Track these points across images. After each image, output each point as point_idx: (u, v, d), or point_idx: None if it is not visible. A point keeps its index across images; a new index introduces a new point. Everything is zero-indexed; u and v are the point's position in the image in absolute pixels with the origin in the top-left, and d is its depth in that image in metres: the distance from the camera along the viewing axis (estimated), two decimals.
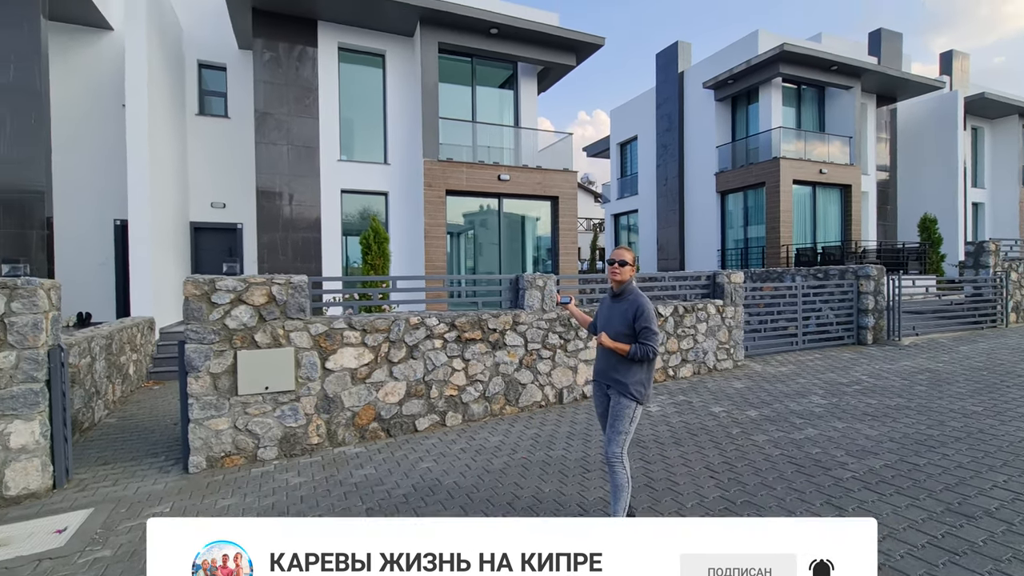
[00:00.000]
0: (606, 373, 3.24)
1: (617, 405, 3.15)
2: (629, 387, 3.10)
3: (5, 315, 4.02)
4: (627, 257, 3.21)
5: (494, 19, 11.11)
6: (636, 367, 3.12)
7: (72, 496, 4.14)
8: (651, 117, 19.89)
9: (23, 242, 8.59)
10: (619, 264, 3.20)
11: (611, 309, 3.27)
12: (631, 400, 3.12)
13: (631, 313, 3.10)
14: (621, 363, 3.13)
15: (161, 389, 7.87)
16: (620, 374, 3.14)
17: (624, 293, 3.22)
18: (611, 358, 3.19)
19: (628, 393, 3.11)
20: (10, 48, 8.48)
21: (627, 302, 3.16)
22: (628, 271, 3.19)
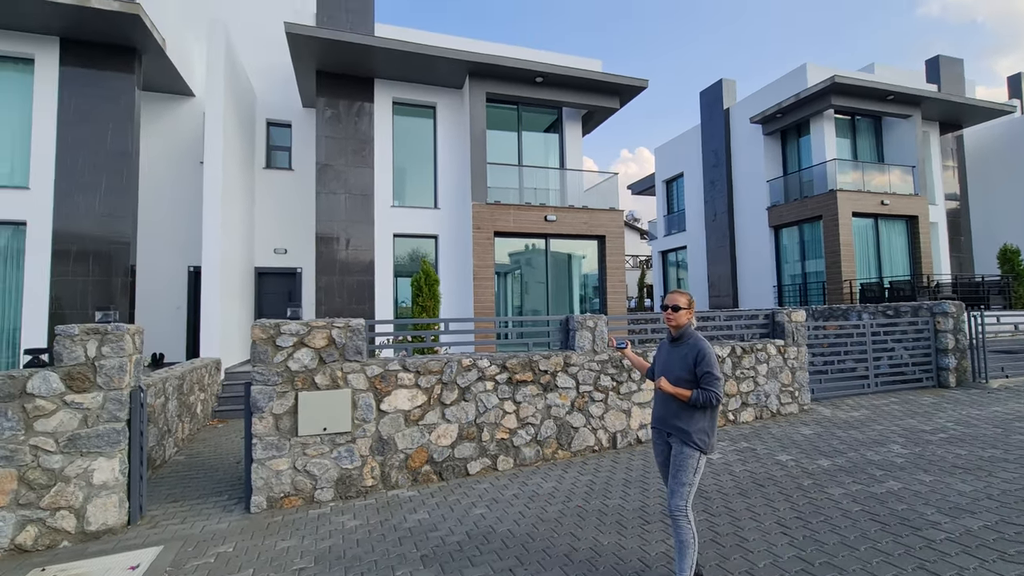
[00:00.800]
0: (666, 420, 3.10)
1: (680, 455, 3.00)
2: (692, 435, 2.96)
3: (96, 358, 4.37)
4: (681, 301, 3.13)
5: (539, 68, 11.56)
6: (699, 414, 2.98)
7: (145, 533, 4.32)
8: (697, 153, 19.80)
9: (109, 288, 9.38)
10: (672, 309, 3.13)
11: (670, 354, 3.17)
12: (694, 449, 2.96)
13: (692, 358, 3.00)
14: (683, 410, 3.00)
15: (225, 427, 8.21)
16: (682, 421, 3.01)
17: (683, 337, 3.12)
18: (671, 404, 3.06)
19: (691, 442, 2.96)
20: (109, 117, 9.55)
21: (687, 346, 3.06)
22: (684, 315, 3.11)
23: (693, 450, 2.96)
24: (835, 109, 14.94)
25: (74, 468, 4.24)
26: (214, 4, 12.04)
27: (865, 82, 14.29)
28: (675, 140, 21.79)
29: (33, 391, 4.18)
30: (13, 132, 9.35)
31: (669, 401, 3.07)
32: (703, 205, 19.27)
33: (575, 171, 13.06)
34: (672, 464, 3.04)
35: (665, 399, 3.11)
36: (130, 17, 8.91)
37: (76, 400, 4.28)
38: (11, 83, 9.42)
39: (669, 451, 3.13)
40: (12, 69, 9.45)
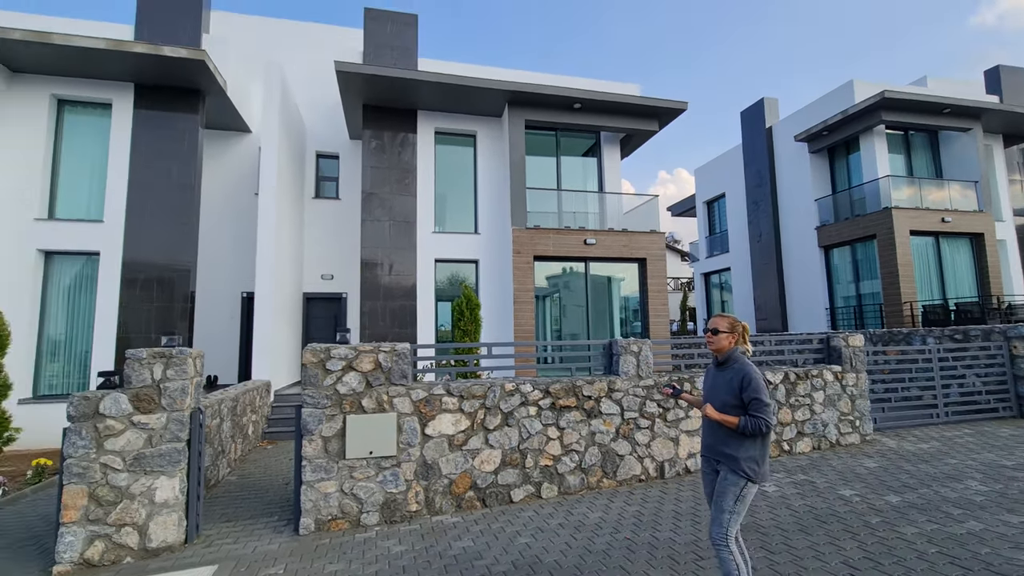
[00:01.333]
0: (714, 448, 3.00)
1: (724, 481, 2.91)
2: (741, 462, 2.86)
3: (161, 381, 4.61)
4: (721, 325, 3.05)
5: (577, 95, 11.72)
6: (748, 441, 2.87)
7: (200, 552, 4.46)
8: (739, 174, 19.42)
9: (170, 313, 9.93)
10: (712, 332, 3.06)
11: (715, 378, 3.08)
12: (741, 476, 2.85)
13: (737, 382, 2.90)
14: (731, 436, 2.91)
15: (274, 448, 8.43)
16: (730, 448, 2.91)
17: (728, 361, 3.04)
18: (719, 431, 2.97)
19: (739, 469, 2.85)
20: (175, 154, 10.26)
21: (732, 371, 2.98)
22: (724, 339, 3.03)
23: (739, 477, 2.85)
24: (886, 124, 14.39)
25: (139, 486, 4.44)
26: (269, 45, 12.88)
27: (917, 96, 13.74)
28: (716, 161, 21.48)
29: (104, 411, 4.43)
30: (92, 170, 10.18)
31: (717, 428, 2.97)
32: (747, 226, 18.78)
33: (614, 194, 13.04)
34: (716, 491, 2.94)
35: (712, 425, 3.01)
36: (196, 63, 9.64)
37: (142, 420, 4.51)
38: (92, 126, 10.31)
39: (716, 479, 3.02)
40: (93, 114, 10.35)
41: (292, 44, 13.37)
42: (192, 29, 11.34)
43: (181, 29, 11.24)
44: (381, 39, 12.47)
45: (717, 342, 3.04)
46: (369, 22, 12.49)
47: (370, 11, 12.53)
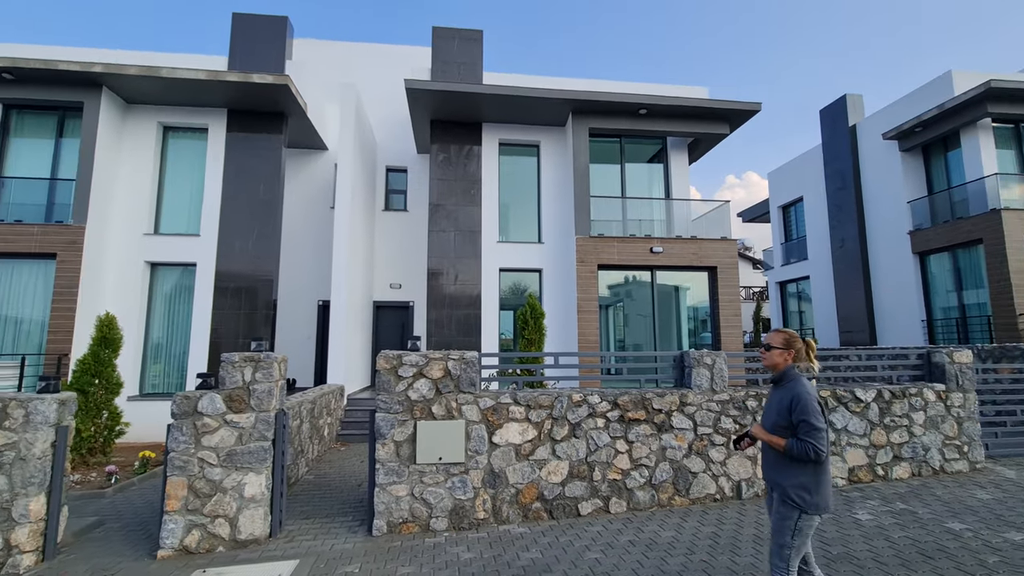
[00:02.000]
0: (766, 471, 2.87)
1: (777, 513, 2.75)
2: (788, 490, 2.68)
3: (250, 383, 4.94)
4: (775, 340, 2.89)
5: (643, 101, 11.50)
6: (798, 467, 2.67)
7: (283, 546, 4.71)
8: (818, 176, 18.24)
9: (256, 320, 10.66)
10: (765, 348, 2.91)
11: (772, 396, 2.91)
12: (791, 506, 2.66)
13: (787, 402, 2.72)
14: (779, 460, 2.75)
15: (347, 450, 8.80)
16: (778, 473, 2.75)
17: (782, 379, 2.86)
18: (769, 454, 2.83)
19: (788, 497, 2.68)
20: (262, 172, 11.08)
21: (784, 390, 2.80)
22: (777, 355, 2.86)
23: (790, 507, 2.67)
24: (992, 118, 13.00)
25: (230, 480, 4.77)
26: (345, 67, 13.66)
27: None
28: (791, 163, 20.30)
29: (202, 410, 4.81)
30: (190, 189, 11.20)
31: (767, 452, 2.84)
32: (828, 231, 17.55)
33: (682, 200, 12.63)
34: (772, 523, 2.79)
35: (765, 448, 2.87)
36: (280, 87, 10.38)
37: (234, 419, 4.85)
38: (191, 149, 11.35)
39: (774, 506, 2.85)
40: (192, 138, 11.39)
41: (365, 65, 14.11)
42: (277, 57, 12.27)
43: (267, 58, 12.19)
44: (448, 55, 12.88)
45: (770, 358, 2.89)
46: (436, 40, 12.94)
47: (438, 29, 12.98)
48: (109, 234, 10.43)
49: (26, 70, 9.64)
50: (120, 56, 11.80)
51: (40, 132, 10.75)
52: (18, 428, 4.50)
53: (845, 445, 6.05)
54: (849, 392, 6.17)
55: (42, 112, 10.69)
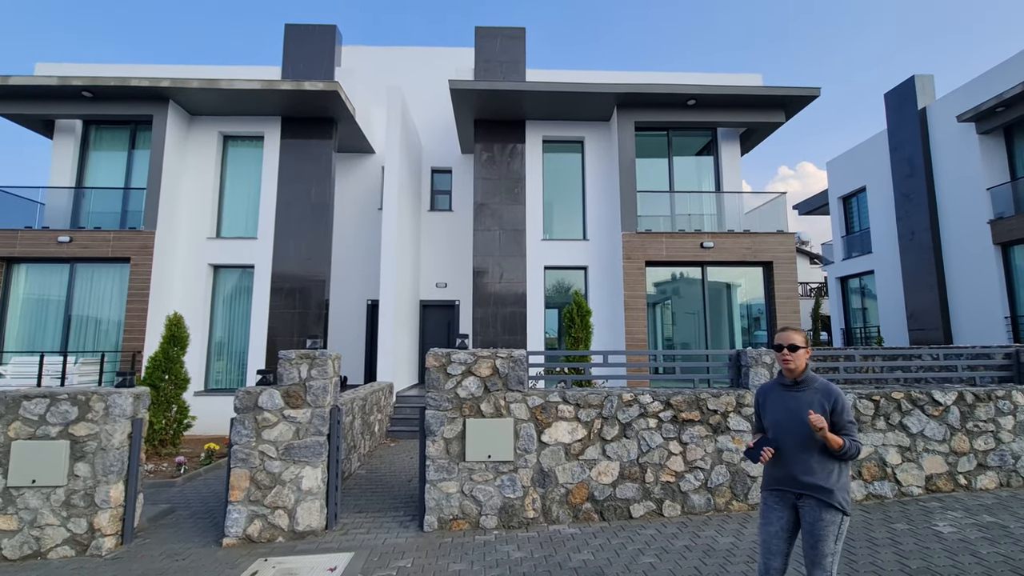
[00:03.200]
0: (797, 479, 2.66)
1: (819, 520, 2.58)
2: (836, 494, 2.58)
3: (306, 380, 5.10)
4: (798, 340, 2.76)
5: (692, 91, 11.12)
6: (838, 469, 2.62)
7: (338, 538, 4.83)
8: (883, 163, 17.11)
9: (309, 319, 11.05)
10: (790, 349, 2.75)
11: (792, 400, 2.73)
12: (837, 511, 2.57)
13: (828, 404, 2.64)
14: (820, 465, 2.62)
15: (396, 447, 8.98)
16: (820, 479, 2.61)
17: (806, 381, 2.75)
18: (805, 459, 2.64)
19: (835, 503, 2.57)
20: (314, 176, 11.47)
21: (813, 391, 2.71)
22: (803, 356, 2.74)
23: (836, 513, 2.58)
24: None
25: (288, 473, 4.94)
26: (391, 71, 13.94)
27: None
28: (853, 150, 19.13)
29: (262, 405, 5.00)
30: (248, 195, 11.74)
31: (799, 455, 2.65)
32: (895, 222, 16.42)
33: (733, 193, 12.13)
34: (809, 534, 2.60)
35: (795, 453, 2.67)
36: (330, 93, 10.71)
37: (292, 414, 5.02)
38: (248, 157, 11.90)
39: (792, 516, 2.70)
40: (249, 146, 11.94)
41: (410, 68, 14.36)
42: (327, 65, 12.66)
43: (318, 66, 12.60)
44: (490, 54, 12.90)
45: (796, 360, 2.74)
46: (479, 39, 12.99)
47: (480, 29, 13.03)
48: (176, 238, 11.08)
49: (103, 87, 10.38)
50: (184, 71, 12.51)
51: (115, 145, 11.55)
52: (99, 420, 4.82)
53: (922, 451, 5.62)
54: (925, 394, 5.73)
55: (116, 126, 11.49)
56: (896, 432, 5.61)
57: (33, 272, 10.63)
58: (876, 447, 5.55)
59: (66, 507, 4.70)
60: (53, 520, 4.67)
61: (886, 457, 5.54)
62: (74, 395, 4.84)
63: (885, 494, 5.46)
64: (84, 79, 10.27)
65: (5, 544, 4.61)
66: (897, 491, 5.50)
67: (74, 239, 10.31)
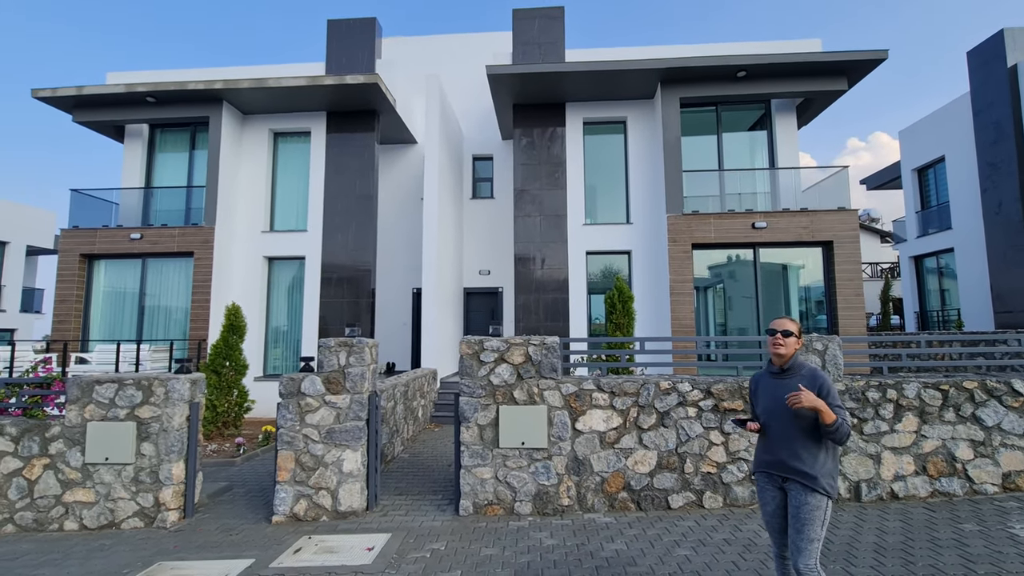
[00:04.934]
0: (784, 463, 2.69)
1: (804, 505, 2.61)
2: (820, 480, 2.60)
3: (345, 367, 5.27)
4: (791, 327, 2.80)
5: (741, 61, 10.47)
6: (824, 454, 2.64)
7: (377, 519, 5.00)
8: (965, 130, 15.53)
9: (357, 308, 11.43)
10: (783, 335, 2.78)
11: (780, 387, 2.76)
12: (823, 496, 2.60)
13: (815, 389, 2.62)
14: (804, 449, 2.64)
15: (440, 431, 9.17)
16: (806, 464, 2.63)
17: (794, 368, 2.78)
18: (792, 444, 2.67)
19: (819, 487, 2.59)
20: (358, 168, 11.76)
21: (800, 377, 2.72)
22: (793, 343, 2.79)
23: (822, 497, 2.60)
24: None
25: (331, 456, 5.15)
26: (430, 60, 14.00)
27: None
28: (929, 118, 17.46)
29: (304, 391, 5.22)
30: (298, 189, 12.22)
31: (786, 439, 2.70)
32: (979, 194, 14.90)
33: (789, 169, 11.39)
34: (795, 518, 2.64)
35: (783, 438, 2.71)
36: (371, 86, 10.90)
37: (332, 400, 5.22)
38: (297, 152, 12.36)
39: (781, 500, 2.76)
40: (297, 141, 12.39)
41: (449, 56, 14.37)
42: (368, 58, 12.89)
43: (359, 59, 12.85)
44: (528, 36, 12.69)
45: (788, 346, 2.79)
46: (517, 22, 12.79)
47: (518, 11, 12.82)
48: (234, 233, 11.72)
49: (164, 92, 11.05)
50: (235, 72, 13.10)
51: (177, 146, 12.31)
52: (161, 403, 5.20)
53: (998, 446, 5.11)
54: (1004, 384, 5.19)
55: (178, 128, 12.22)
56: (968, 425, 5.14)
57: (111, 267, 11.58)
58: (944, 440, 5.11)
59: (135, 483, 5.12)
60: (124, 494, 5.10)
61: (955, 452, 5.08)
62: (138, 380, 5.24)
63: (954, 491, 5.02)
64: (147, 85, 10.97)
65: (86, 515, 5.09)
66: (968, 488, 5.05)
67: (144, 236, 11.13)
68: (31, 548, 4.64)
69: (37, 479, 5.15)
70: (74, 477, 5.12)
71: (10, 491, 5.13)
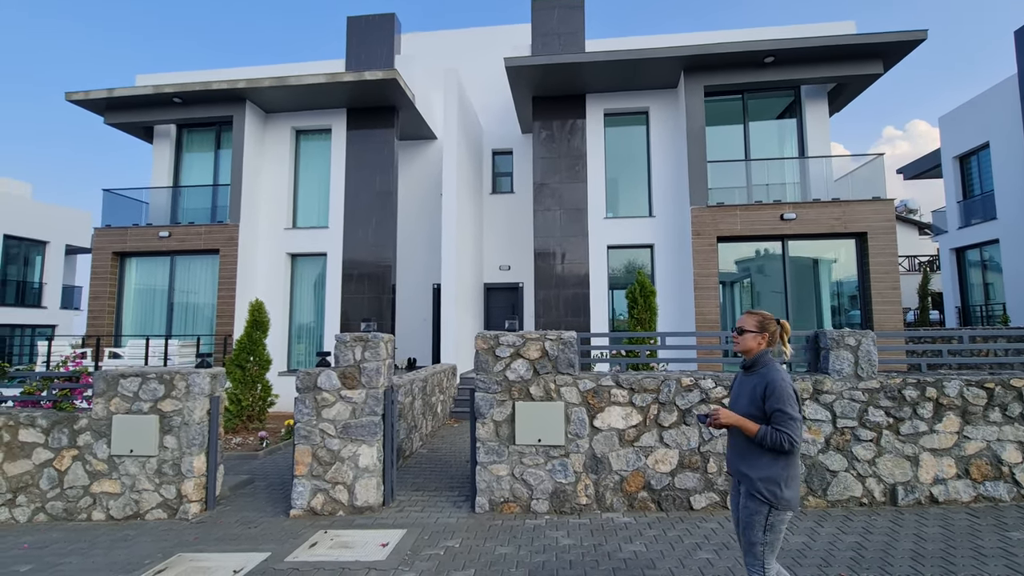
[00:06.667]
0: (731, 461, 2.70)
1: (745, 508, 2.54)
2: (755, 482, 2.49)
3: (361, 362, 5.25)
4: (747, 324, 2.67)
5: (769, 47, 10.08)
6: (767, 458, 2.48)
7: (393, 515, 4.97)
8: (1012, 114, 14.70)
9: (378, 304, 11.48)
10: (737, 332, 2.70)
11: (742, 384, 2.71)
12: (760, 502, 2.47)
13: (760, 389, 2.52)
14: (748, 451, 2.55)
15: (459, 427, 9.14)
16: (745, 464, 2.55)
17: (755, 365, 2.64)
18: (738, 445, 2.62)
19: (756, 491, 2.48)
20: (377, 165, 11.80)
21: (757, 376, 2.60)
22: (751, 339, 2.64)
23: (759, 502, 2.48)
24: None
25: (347, 451, 5.14)
26: (448, 55, 13.94)
27: None
28: (972, 102, 16.58)
29: (320, 385, 5.23)
30: (320, 186, 12.34)
31: (736, 440, 2.65)
32: None
33: (820, 158, 10.94)
34: (741, 519, 2.61)
35: (733, 437, 2.68)
36: (390, 81, 10.90)
37: (348, 395, 5.20)
38: (318, 149, 12.48)
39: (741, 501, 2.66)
40: (318, 139, 12.51)
41: (468, 51, 14.29)
42: (387, 54, 12.91)
43: (378, 55, 12.88)
44: (548, 27, 12.50)
45: (743, 343, 2.67)
46: (536, 13, 12.61)
47: (537, 2, 12.65)
48: (257, 230, 11.91)
49: (190, 92, 11.27)
50: (257, 71, 13.29)
51: (203, 146, 12.57)
52: (182, 397, 5.28)
53: None
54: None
55: (204, 128, 12.47)
56: (1015, 426, 4.81)
57: (141, 265, 11.91)
58: (989, 442, 4.80)
59: (158, 475, 5.21)
60: (148, 486, 5.20)
61: (1002, 454, 4.77)
62: (160, 374, 5.33)
63: (1000, 496, 4.72)
64: (174, 86, 11.21)
65: (112, 505, 5.21)
66: (1016, 494, 4.73)
67: (172, 234, 11.40)
68: (60, 537, 4.76)
69: (66, 470, 5.29)
70: (101, 468, 5.25)
71: (42, 481, 5.29)
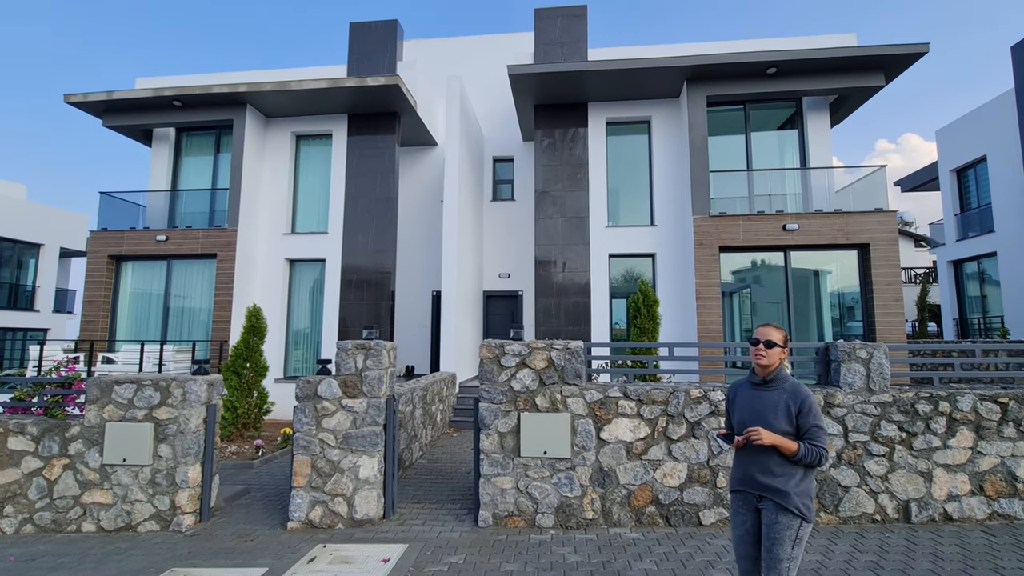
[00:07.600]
0: (756, 480, 2.57)
1: (775, 524, 2.49)
2: (792, 498, 2.46)
3: (363, 370, 5.13)
4: (775, 337, 2.64)
5: (772, 58, 10.10)
6: (800, 473, 2.50)
7: (394, 529, 4.82)
8: (1009, 127, 14.81)
9: (377, 311, 11.35)
10: (766, 345, 2.62)
11: (758, 399, 2.63)
12: (795, 516, 2.46)
13: (795, 405, 2.51)
14: (782, 467, 2.51)
15: (459, 436, 9.00)
16: (778, 481, 2.50)
17: (777, 380, 2.63)
18: (764, 461, 2.54)
19: (792, 507, 2.45)
20: (378, 170, 11.72)
21: (782, 391, 2.58)
22: (778, 354, 2.62)
23: (793, 517, 2.46)
24: None
25: (347, 462, 5.00)
26: (450, 62, 13.94)
27: None
28: (970, 116, 16.72)
29: (321, 394, 5.09)
30: (320, 191, 12.24)
31: (761, 457, 2.55)
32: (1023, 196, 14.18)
33: (822, 169, 10.94)
34: (766, 536, 2.52)
35: (755, 454, 2.57)
36: (392, 87, 10.85)
37: (349, 404, 5.08)
38: (319, 155, 12.39)
39: (755, 520, 2.60)
40: (319, 144, 12.42)
41: (470, 58, 14.29)
42: (389, 60, 12.87)
43: (381, 62, 12.84)
44: (550, 36, 12.51)
45: (770, 357, 2.62)
46: (539, 21, 12.63)
47: (540, 11, 12.66)
48: (256, 235, 11.78)
49: (190, 96, 11.18)
50: (259, 75, 13.22)
51: (203, 150, 12.46)
52: (178, 405, 5.13)
53: None
54: None
55: (203, 132, 12.37)
56: None
57: (137, 269, 11.74)
58: (1003, 458, 4.71)
59: (152, 485, 5.05)
60: (141, 496, 5.04)
61: (1016, 471, 4.69)
62: (156, 381, 5.19)
63: (1015, 514, 4.63)
64: (174, 89, 11.12)
65: (103, 516, 5.04)
66: None
67: (169, 237, 11.25)
68: (48, 550, 4.59)
69: (56, 479, 5.12)
70: (92, 478, 5.09)
71: (30, 491, 5.12)
